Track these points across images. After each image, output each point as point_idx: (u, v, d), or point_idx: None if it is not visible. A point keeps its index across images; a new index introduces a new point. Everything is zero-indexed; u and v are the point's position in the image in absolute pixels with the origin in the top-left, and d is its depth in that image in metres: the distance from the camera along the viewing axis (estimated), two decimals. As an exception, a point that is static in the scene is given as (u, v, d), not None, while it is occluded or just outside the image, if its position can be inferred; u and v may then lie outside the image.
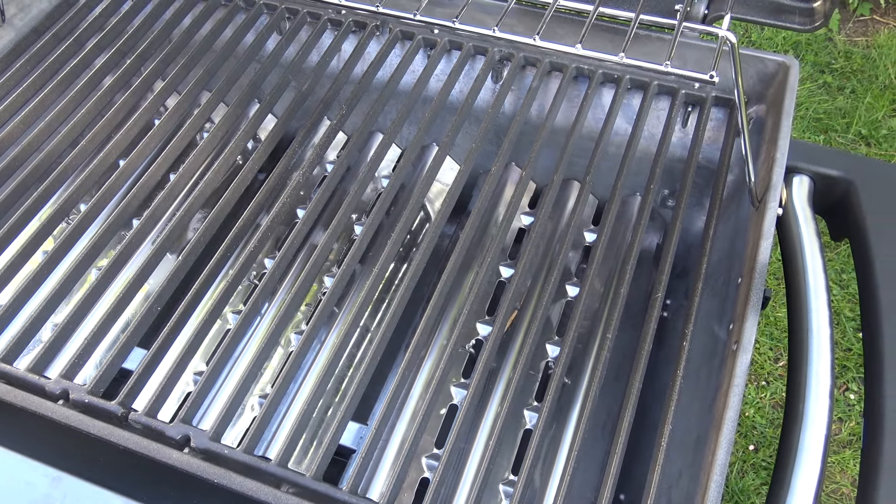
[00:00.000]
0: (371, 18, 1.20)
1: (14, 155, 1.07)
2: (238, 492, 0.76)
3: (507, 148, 1.05)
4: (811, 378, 0.90)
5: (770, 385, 2.50)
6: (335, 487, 0.76)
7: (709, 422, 0.82)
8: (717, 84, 1.07)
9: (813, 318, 0.93)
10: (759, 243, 0.87)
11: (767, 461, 2.38)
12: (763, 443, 2.41)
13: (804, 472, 0.83)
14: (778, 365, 2.56)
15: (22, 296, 0.93)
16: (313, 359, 1.06)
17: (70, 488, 0.84)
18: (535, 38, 0.81)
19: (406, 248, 1.23)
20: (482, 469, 0.81)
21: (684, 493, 0.81)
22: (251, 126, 1.11)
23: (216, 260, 0.97)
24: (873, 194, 1.05)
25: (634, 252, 0.96)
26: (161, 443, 0.79)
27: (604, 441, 0.99)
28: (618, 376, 1.06)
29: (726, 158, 1.00)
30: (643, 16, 0.81)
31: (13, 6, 1.23)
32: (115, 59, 1.20)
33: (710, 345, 0.93)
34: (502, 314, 0.92)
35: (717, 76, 0.77)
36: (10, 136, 1.10)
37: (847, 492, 2.33)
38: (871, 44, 3.18)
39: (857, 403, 2.43)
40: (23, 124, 1.12)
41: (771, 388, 2.49)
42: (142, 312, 0.91)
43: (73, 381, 0.84)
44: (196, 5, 1.29)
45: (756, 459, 2.36)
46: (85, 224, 1.01)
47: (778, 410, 2.50)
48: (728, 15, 0.76)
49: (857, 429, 2.38)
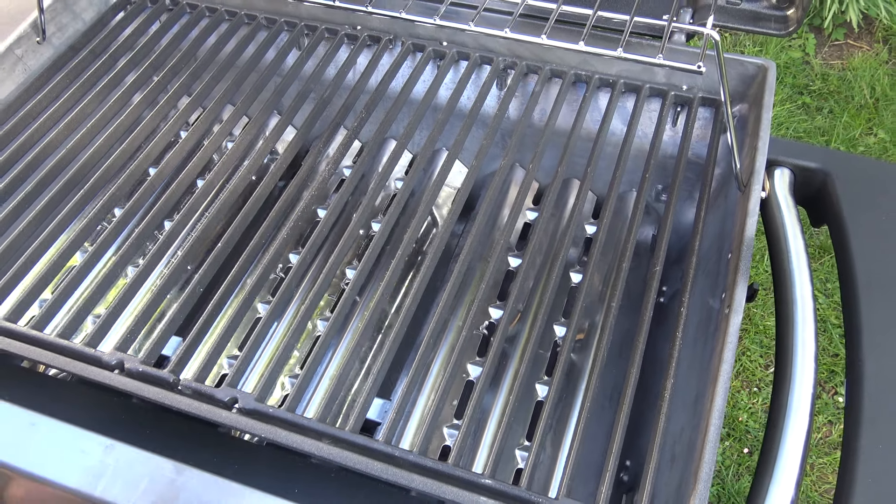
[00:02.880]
0: (384, 33, 1.31)
1: (61, 156, 1.15)
2: (283, 444, 0.83)
3: (512, 149, 1.14)
4: (797, 347, 0.98)
5: (762, 391, 2.58)
6: (371, 438, 0.83)
7: (706, 381, 0.91)
8: (702, 86, 1.19)
9: (797, 291, 1.03)
10: (745, 220, 0.96)
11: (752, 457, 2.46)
12: (757, 446, 2.48)
13: (788, 451, 0.90)
14: (769, 371, 2.64)
15: (73, 282, 1.01)
16: (338, 343, 1.14)
17: (122, 454, 0.91)
18: (542, 37, 0.92)
19: (419, 244, 1.32)
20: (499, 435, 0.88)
21: (686, 444, 0.90)
22: (273, 135, 1.21)
23: (247, 254, 1.05)
24: (848, 184, 1.15)
25: (632, 241, 1.05)
26: (211, 404, 0.87)
27: (610, 410, 1.07)
28: (621, 353, 1.14)
29: (714, 152, 1.10)
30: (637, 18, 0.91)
31: (52, 26, 1.33)
32: (145, 76, 1.30)
33: (704, 318, 1.02)
34: (512, 299, 1.01)
35: (703, 67, 0.87)
36: (53, 142, 1.19)
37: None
38: (846, 66, 3.34)
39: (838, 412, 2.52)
40: (66, 129, 1.21)
41: (763, 394, 2.57)
42: (185, 294, 0.99)
43: (126, 353, 0.92)
44: (220, 25, 1.39)
45: (751, 462, 2.43)
46: (121, 226, 1.10)
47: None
48: (711, 17, 0.87)
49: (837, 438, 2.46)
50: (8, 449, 0.93)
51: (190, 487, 0.89)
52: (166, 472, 0.90)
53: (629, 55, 0.88)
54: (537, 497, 0.78)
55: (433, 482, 0.80)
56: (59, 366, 0.91)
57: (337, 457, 0.82)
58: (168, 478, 0.90)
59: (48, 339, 0.93)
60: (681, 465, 0.89)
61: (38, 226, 1.09)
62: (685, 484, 0.84)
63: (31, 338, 0.93)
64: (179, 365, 0.92)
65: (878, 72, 3.27)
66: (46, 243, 1.06)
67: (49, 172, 1.15)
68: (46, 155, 1.19)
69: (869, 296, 1.02)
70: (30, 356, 0.92)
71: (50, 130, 1.21)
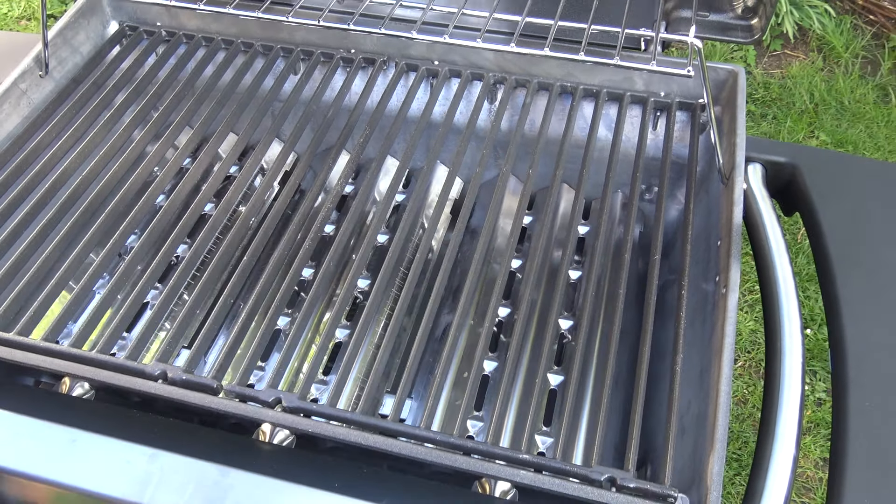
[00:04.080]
0: (378, 55, 1.39)
1: (75, 185, 1.19)
2: (330, 437, 0.89)
3: (510, 159, 1.23)
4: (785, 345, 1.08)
5: (732, 382, 2.70)
6: (411, 426, 0.90)
7: (709, 356, 1.00)
8: (678, 92, 1.29)
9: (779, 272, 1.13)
10: (732, 209, 1.06)
11: (737, 453, 2.57)
12: (731, 437, 2.60)
13: (781, 451, 0.99)
14: (736, 365, 2.78)
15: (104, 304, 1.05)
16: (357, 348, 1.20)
17: (166, 462, 0.95)
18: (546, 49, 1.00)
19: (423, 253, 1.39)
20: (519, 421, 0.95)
21: (695, 416, 0.98)
22: (278, 163, 1.26)
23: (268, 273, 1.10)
24: (814, 174, 1.27)
25: (631, 234, 1.14)
26: (257, 404, 0.92)
27: (617, 392, 1.15)
28: (622, 340, 1.23)
29: (695, 150, 1.21)
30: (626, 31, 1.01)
31: (53, 59, 1.37)
32: (147, 107, 1.34)
33: (700, 301, 1.11)
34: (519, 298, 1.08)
35: (692, 71, 0.97)
36: (67, 171, 1.23)
37: (811, 474, 2.52)
38: (785, 75, 3.55)
39: (812, 393, 2.66)
40: (78, 159, 1.25)
41: (733, 386, 2.69)
42: (219, 306, 1.04)
43: (168, 363, 0.96)
44: (217, 54, 1.45)
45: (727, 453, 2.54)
46: (142, 251, 1.13)
47: (741, 406, 2.70)
48: (693, 27, 0.97)
49: (813, 416, 2.60)
50: (53, 466, 0.96)
51: (237, 487, 0.93)
52: (211, 475, 0.94)
53: (625, 63, 0.97)
54: (573, 466, 0.85)
55: (476, 461, 0.86)
56: (104, 379, 0.95)
57: (382, 444, 0.88)
58: (213, 480, 0.94)
59: (91, 355, 0.96)
60: (692, 435, 0.97)
61: (64, 251, 1.12)
62: (699, 449, 0.93)
63: (74, 356, 0.97)
64: (220, 372, 0.97)
65: (815, 78, 3.48)
66: (73, 268, 1.10)
67: (67, 200, 1.18)
68: (61, 184, 1.22)
69: (843, 270, 1.13)
70: (74, 373, 0.95)
71: (61, 161, 1.25)
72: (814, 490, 2.48)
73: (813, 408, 2.65)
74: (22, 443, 0.98)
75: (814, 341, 2.74)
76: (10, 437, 0.98)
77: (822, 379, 2.69)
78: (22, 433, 0.98)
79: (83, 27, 1.44)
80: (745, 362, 2.77)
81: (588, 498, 0.82)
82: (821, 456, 2.55)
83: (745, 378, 2.77)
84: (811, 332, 2.75)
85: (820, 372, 2.69)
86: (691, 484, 0.89)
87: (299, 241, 1.23)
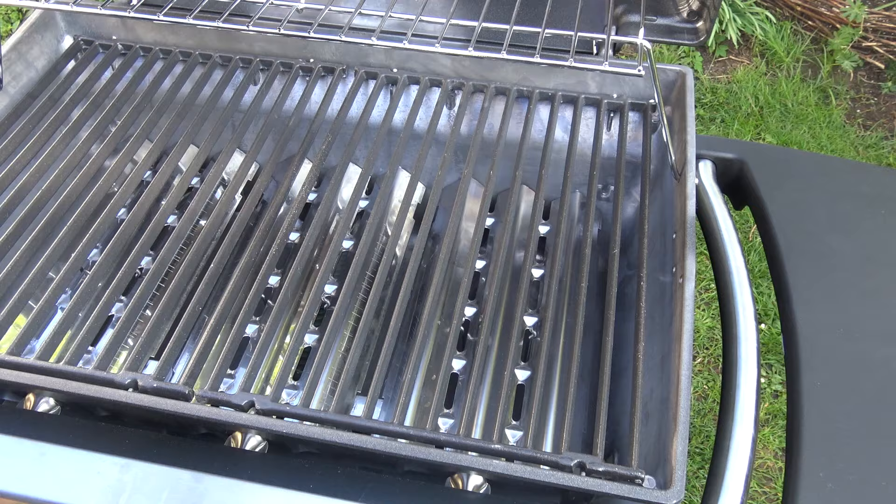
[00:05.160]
0: (337, 64, 1.41)
1: (36, 199, 1.19)
2: (304, 437, 0.90)
3: (471, 163, 1.26)
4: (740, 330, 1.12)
5: (692, 379, 2.76)
6: (384, 422, 0.91)
7: (669, 343, 1.04)
8: (630, 94, 1.34)
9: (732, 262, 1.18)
10: (685, 202, 1.11)
11: (700, 447, 2.63)
12: (693, 431, 2.66)
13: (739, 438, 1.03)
14: (695, 361, 2.84)
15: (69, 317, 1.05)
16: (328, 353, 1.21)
17: (139, 470, 0.95)
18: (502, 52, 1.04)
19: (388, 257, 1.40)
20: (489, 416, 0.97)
21: (658, 401, 1.02)
22: (240, 174, 1.26)
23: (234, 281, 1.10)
24: (761, 169, 1.32)
25: (590, 231, 1.18)
26: (230, 408, 0.92)
27: (583, 384, 1.18)
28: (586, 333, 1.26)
29: (648, 148, 1.25)
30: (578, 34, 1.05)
31: (7, 75, 1.36)
32: (105, 121, 1.33)
33: (658, 293, 1.15)
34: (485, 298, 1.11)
35: (643, 70, 1.01)
36: (26, 185, 1.22)
37: (771, 464, 2.59)
38: (731, 80, 3.67)
39: (768, 386, 2.74)
40: (38, 173, 1.24)
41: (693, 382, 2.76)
42: (186, 316, 1.04)
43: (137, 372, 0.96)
44: (175, 67, 1.46)
45: (690, 447, 2.60)
46: (105, 264, 1.13)
47: (701, 402, 2.77)
48: (642, 29, 1.01)
49: (771, 408, 2.68)
50: (22, 481, 0.95)
51: (212, 492, 0.93)
52: (185, 482, 0.94)
53: (578, 64, 1.01)
54: (543, 454, 0.88)
55: (450, 454, 0.88)
56: (73, 390, 0.94)
57: (357, 441, 0.89)
58: (188, 486, 0.94)
59: (59, 367, 0.96)
60: (656, 420, 1.01)
61: (24, 268, 1.11)
62: (664, 433, 0.96)
63: (40, 368, 0.96)
64: (191, 379, 0.97)
65: (759, 82, 3.61)
66: (35, 284, 1.09)
67: (26, 216, 1.17)
68: (19, 199, 1.21)
69: (791, 257, 1.18)
70: (41, 385, 0.95)
71: (19, 176, 1.24)
72: (774, 479, 2.54)
73: (770, 400, 2.73)
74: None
75: (768, 335, 2.82)
76: (-24, 454, 0.96)
77: (777, 372, 2.77)
78: (-13, 449, 0.97)
79: (37, 42, 1.43)
80: (703, 358, 2.84)
81: (559, 483, 0.85)
82: (779, 446, 2.63)
83: (705, 374, 2.84)
84: (765, 327, 2.84)
85: (776, 365, 2.77)
86: (657, 466, 0.92)
87: (264, 249, 1.24)
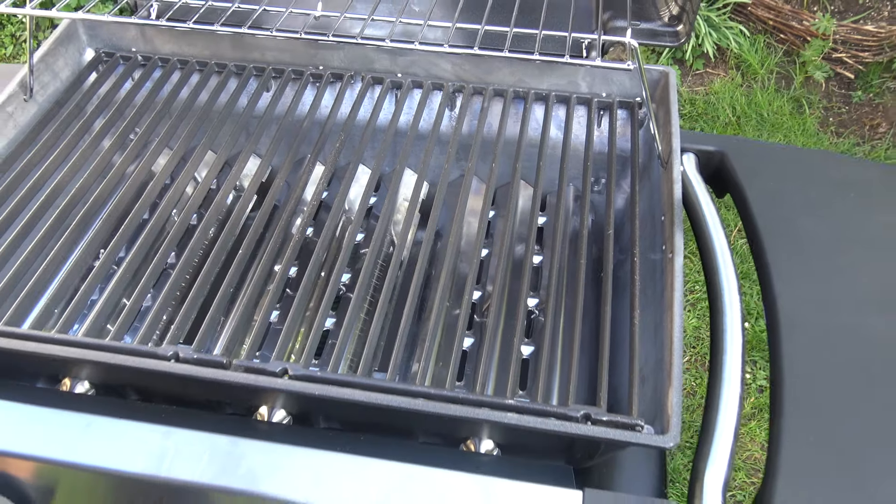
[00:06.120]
0: (345, 70, 1.51)
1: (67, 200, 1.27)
2: (336, 398, 0.98)
3: (473, 160, 1.36)
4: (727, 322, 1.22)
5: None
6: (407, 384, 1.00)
7: (661, 313, 1.14)
8: (618, 93, 1.46)
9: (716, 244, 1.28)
10: (672, 187, 1.22)
11: (689, 441, 2.72)
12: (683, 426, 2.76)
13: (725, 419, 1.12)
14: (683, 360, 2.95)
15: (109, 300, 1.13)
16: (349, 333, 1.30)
17: (180, 437, 1.03)
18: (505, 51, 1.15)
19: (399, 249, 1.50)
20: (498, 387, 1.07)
21: (653, 364, 1.11)
22: (257, 176, 1.36)
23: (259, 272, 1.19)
24: (740, 159, 1.44)
25: (586, 219, 1.28)
26: (266, 375, 1.01)
27: (583, 356, 1.28)
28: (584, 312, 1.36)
29: (637, 142, 1.36)
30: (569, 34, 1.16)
31: (36, 84, 1.45)
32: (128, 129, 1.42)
33: (649, 269, 1.26)
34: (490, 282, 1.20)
35: (632, 65, 1.12)
36: (58, 186, 1.31)
37: (759, 456, 2.69)
38: (709, 91, 3.82)
39: (754, 381, 2.85)
40: (70, 174, 1.33)
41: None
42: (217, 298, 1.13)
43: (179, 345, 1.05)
44: (192, 76, 1.55)
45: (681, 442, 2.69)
46: (134, 261, 1.22)
47: (690, 398, 2.87)
48: (629, 29, 1.13)
49: (757, 402, 2.78)
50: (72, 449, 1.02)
51: (249, 455, 1.01)
52: (223, 446, 1.02)
53: (573, 61, 1.12)
54: (552, 406, 0.97)
55: (467, 408, 0.97)
56: (120, 362, 1.02)
57: (385, 400, 0.98)
58: (226, 450, 1.02)
59: (106, 343, 1.04)
60: (652, 382, 1.10)
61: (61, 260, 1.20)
62: (659, 391, 1.06)
63: (90, 344, 1.04)
64: (228, 349, 1.06)
65: (736, 93, 3.76)
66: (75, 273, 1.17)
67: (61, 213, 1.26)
68: (54, 199, 1.30)
69: (770, 239, 1.29)
70: (92, 359, 1.03)
71: (52, 177, 1.33)
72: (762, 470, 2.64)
73: (756, 394, 2.83)
74: (38, 430, 1.04)
75: (752, 333, 2.93)
76: (26, 426, 1.04)
77: (762, 368, 2.88)
78: (36, 422, 1.04)
79: (62, 54, 1.53)
80: (690, 357, 2.94)
81: (567, 431, 0.94)
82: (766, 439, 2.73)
83: (693, 371, 2.94)
84: (749, 326, 2.95)
85: (760, 361, 2.88)
86: (654, 418, 1.02)
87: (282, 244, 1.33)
